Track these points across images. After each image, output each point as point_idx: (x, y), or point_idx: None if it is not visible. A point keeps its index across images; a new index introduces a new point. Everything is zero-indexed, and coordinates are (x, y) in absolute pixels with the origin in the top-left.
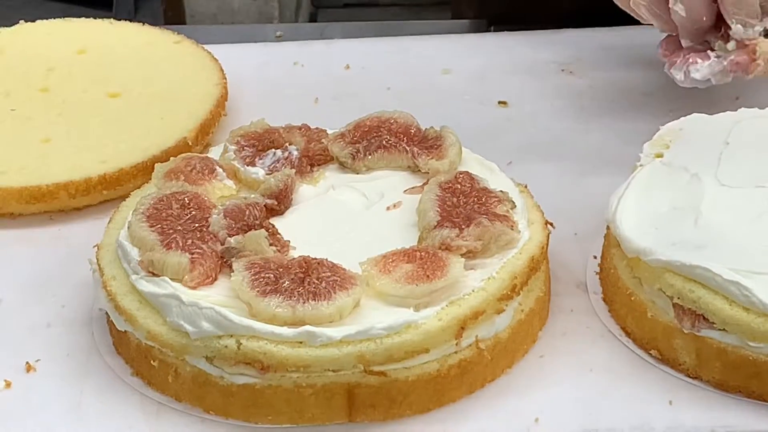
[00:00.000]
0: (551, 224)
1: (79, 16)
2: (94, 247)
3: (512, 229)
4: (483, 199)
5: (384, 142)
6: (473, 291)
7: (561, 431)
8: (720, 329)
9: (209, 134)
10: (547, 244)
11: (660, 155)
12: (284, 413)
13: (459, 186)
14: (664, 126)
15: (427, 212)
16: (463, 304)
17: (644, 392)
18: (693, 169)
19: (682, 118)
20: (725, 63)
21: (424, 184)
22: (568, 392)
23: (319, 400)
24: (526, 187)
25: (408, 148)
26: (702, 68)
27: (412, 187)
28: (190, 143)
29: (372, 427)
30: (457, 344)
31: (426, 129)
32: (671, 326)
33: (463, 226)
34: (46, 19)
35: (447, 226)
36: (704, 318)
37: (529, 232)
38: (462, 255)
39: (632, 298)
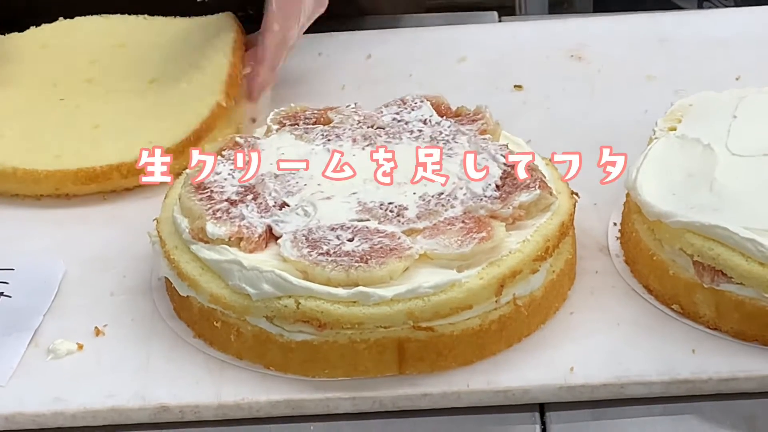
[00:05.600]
0: (576, 194)
1: None
2: (154, 220)
3: (551, 195)
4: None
5: None
6: (510, 252)
7: (595, 379)
8: (738, 283)
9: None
10: (574, 212)
11: (673, 128)
12: (339, 367)
13: None
14: (676, 102)
15: None
16: (501, 264)
17: (669, 343)
18: (705, 141)
19: (692, 95)
20: None
21: None
22: (598, 344)
23: (372, 354)
24: (550, 160)
25: (451, 120)
26: None
27: None
28: (224, 104)
29: (420, 379)
30: (496, 301)
31: (457, 108)
32: (692, 282)
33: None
34: None
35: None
36: (723, 273)
37: (558, 200)
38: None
39: (654, 258)
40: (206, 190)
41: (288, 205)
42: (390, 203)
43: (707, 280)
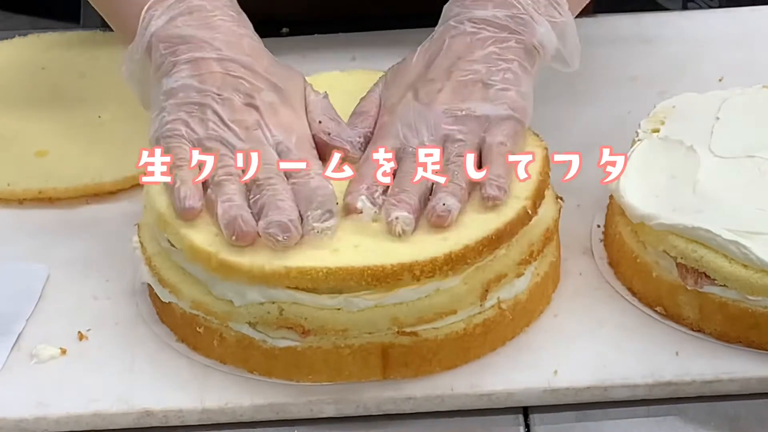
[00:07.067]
0: (561, 198)
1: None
2: (135, 225)
3: None
4: None
5: None
6: (495, 257)
7: (579, 381)
8: (721, 285)
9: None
10: (559, 216)
11: (656, 130)
12: (323, 372)
13: None
14: (659, 104)
15: None
16: (486, 268)
17: (652, 345)
18: (688, 142)
19: (675, 97)
20: None
21: None
22: (582, 347)
23: (356, 359)
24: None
25: None
26: None
27: None
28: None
29: (404, 382)
30: (481, 305)
31: None
32: (675, 284)
33: None
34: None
35: None
36: (706, 275)
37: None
38: None
39: (637, 261)
40: None
41: None
42: None
43: (690, 282)
